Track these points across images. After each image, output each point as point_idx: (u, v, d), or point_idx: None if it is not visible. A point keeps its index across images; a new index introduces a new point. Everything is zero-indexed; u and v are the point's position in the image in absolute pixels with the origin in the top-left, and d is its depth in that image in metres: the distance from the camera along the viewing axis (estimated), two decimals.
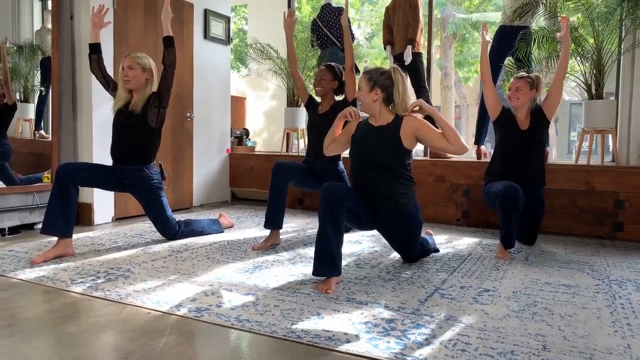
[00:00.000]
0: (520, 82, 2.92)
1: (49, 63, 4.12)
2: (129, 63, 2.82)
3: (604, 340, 1.61)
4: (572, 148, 15.76)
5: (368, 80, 2.32)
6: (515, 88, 2.92)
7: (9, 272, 2.34)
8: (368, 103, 2.35)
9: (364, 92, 2.34)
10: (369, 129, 2.41)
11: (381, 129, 2.36)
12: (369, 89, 2.32)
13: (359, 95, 2.38)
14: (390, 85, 2.31)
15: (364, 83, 2.34)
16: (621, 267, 2.61)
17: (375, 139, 2.36)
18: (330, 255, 2.12)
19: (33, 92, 4.20)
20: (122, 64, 2.85)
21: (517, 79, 2.95)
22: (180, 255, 2.71)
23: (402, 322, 1.75)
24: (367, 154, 2.37)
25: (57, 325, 1.71)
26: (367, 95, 2.33)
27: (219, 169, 4.90)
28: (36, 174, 4.04)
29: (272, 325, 1.71)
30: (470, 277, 2.36)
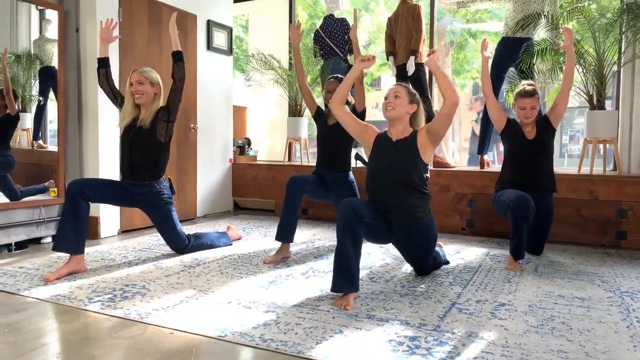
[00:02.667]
0: (533, 101, 2.94)
1: (48, 73, 4.10)
2: (137, 78, 2.82)
3: (625, 356, 1.65)
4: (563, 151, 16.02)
5: (409, 94, 2.44)
6: (531, 107, 2.94)
7: (24, 290, 2.33)
8: (403, 112, 2.43)
9: (404, 101, 2.42)
10: (388, 144, 2.45)
11: (400, 143, 2.42)
12: (409, 101, 2.43)
13: (396, 102, 2.41)
14: (419, 104, 2.49)
15: (404, 94, 2.43)
16: (629, 277, 2.66)
17: (394, 155, 2.40)
18: (349, 271, 2.14)
19: (31, 101, 4.19)
20: (130, 80, 2.84)
21: (529, 97, 2.94)
22: (193, 270, 2.71)
23: (425, 340, 1.77)
24: (386, 170, 2.40)
25: (82, 348, 1.70)
26: (405, 106, 2.42)
27: (222, 178, 4.90)
28: (36, 185, 4.02)
29: (297, 344, 1.72)
30: (484, 290, 2.39)
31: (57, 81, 4.12)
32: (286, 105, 5.45)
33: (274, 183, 4.80)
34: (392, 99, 2.42)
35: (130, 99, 2.85)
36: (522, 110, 2.99)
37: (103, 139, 3.65)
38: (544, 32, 3.87)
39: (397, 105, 2.41)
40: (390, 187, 2.36)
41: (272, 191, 4.83)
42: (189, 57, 4.40)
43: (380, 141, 2.50)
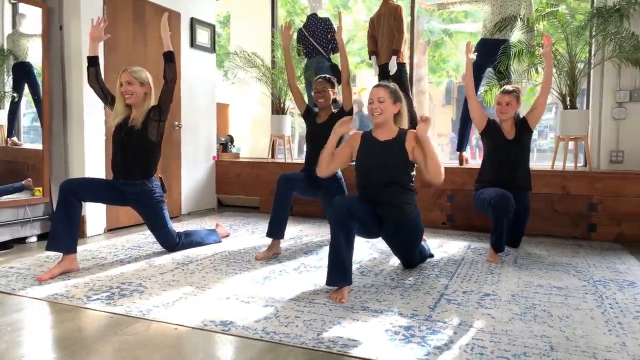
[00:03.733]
0: (510, 97, 3.10)
1: (22, 68, 4.04)
2: (127, 79, 2.82)
3: (601, 340, 1.79)
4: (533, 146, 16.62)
5: (391, 94, 2.47)
6: (506, 103, 3.10)
7: (19, 290, 2.34)
8: (390, 115, 2.48)
9: (387, 103, 2.46)
10: (375, 144, 2.52)
11: (387, 144, 2.49)
12: (392, 102, 2.47)
13: (381, 107, 2.45)
14: (403, 102, 2.55)
15: (386, 95, 2.46)
16: (601, 267, 2.84)
17: (383, 155, 2.48)
18: (342, 265, 2.23)
19: (4, 98, 4.12)
20: (119, 80, 2.85)
21: (507, 94, 3.12)
22: (186, 267, 2.76)
23: (419, 329, 1.88)
24: (376, 170, 2.48)
25: (91, 345, 1.75)
26: (391, 107, 2.47)
27: (205, 176, 4.93)
28: (13, 183, 3.97)
29: (299, 336, 1.80)
30: (469, 281, 2.52)
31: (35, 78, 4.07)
32: (268, 102, 5.50)
33: (258, 180, 4.86)
34: (377, 104, 2.46)
35: (121, 99, 2.86)
36: (498, 105, 3.16)
37: (89, 138, 3.64)
38: (520, 34, 4.04)
39: (384, 109, 2.46)
40: (381, 188, 2.46)
41: (256, 188, 4.88)
42: None
43: (367, 142, 2.55)
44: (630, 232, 3.60)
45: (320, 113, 3.31)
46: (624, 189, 3.61)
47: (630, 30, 3.65)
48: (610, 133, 4.02)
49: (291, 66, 3.39)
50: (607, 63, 3.90)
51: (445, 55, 8.46)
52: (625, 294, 2.34)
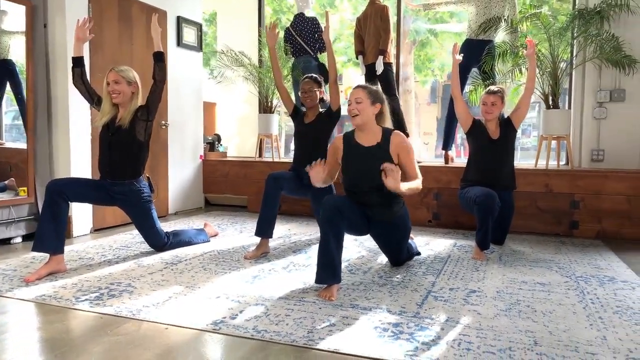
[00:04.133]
0: (495, 98, 3.15)
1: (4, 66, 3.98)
2: (114, 78, 2.81)
3: (583, 334, 1.85)
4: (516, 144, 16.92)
5: (369, 94, 2.44)
6: (491, 103, 3.15)
7: (6, 291, 2.32)
8: (369, 116, 2.45)
9: (364, 104, 2.42)
10: (360, 151, 2.49)
11: (372, 149, 2.47)
12: (370, 102, 2.44)
13: (358, 108, 2.42)
14: (384, 103, 2.53)
15: (364, 96, 2.43)
16: (582, 264, 2.92)
17: (368, 162, 2.44)
18: (332, 264, 2.26)
19: None
20: (106, 79, 2.84)
21: (492, 94, 3.17)
22: (175, 267, 2.76)
23: (407, 326, 1.92)
24: (362, 176, 2.46)
25: (81, 345, 1.75)
26: (369, 108, 2.44)
27: (192, 175, 4.91)
28: None
29: (289, 334, 1.83)
30: (455, 278, 2.57)
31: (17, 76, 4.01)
32: (255, 101, 5.51)
33: (245, 179, 4.86)
34: (355, 105, 2.43)
35: (108, 98, 2.85)
36: (484, 105, 3.21)
37: (74, 137, 3.60)
38: (505, 34, 4.11)
39: (361, 110, 2.43)
40: (369, 192, 2.46)
41: (244, 187, 4.89)
42: None
43: (351, 147, 2.52)
44: (610, 229, 3.69)
45: (308, 113, 3.33)
46: (604, 187, 3.70)
47: (610, 32, 3.74)
48: (591, 132, 4.11)
49: (277, 66, 3.41)
50: (588, 64, 3.99)
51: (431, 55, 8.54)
52: (606, 289, 2.41)
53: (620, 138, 4.02)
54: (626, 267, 2.84)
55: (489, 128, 3.22)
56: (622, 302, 2.21)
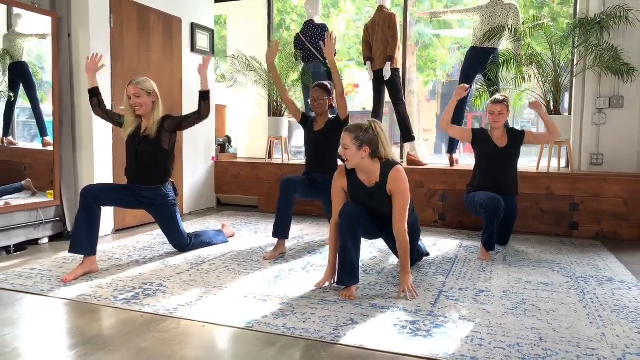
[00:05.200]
0: (501, 107, 3.30)
1: (18, 68, 4.13)
2: (134, 92, 2.92)
3: (584, 331, 2.03)
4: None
5: (355, 140, 2.41)
6: (498, 112, 3.29)
7: (48, 292, 2.49)
8: (358, 161, 2.45)
9: (351, 151, 2.42)
10: (363, 190, 2.56)
11: (373, 189, 2.53)
12: (357, 148, 2.42)
13: (346, 154, 2.44)
14: (376, 140, 2.45)
15: (350, 142, 2.41)
16: (582, 264, 3.10)
17: (372, 201, 2.55)
18: (351, 266, 2.44)
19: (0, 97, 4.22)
20: (127, 92, 2.96)
21: (498, 104, 3.31)
22: (200, 267, 2.94)
23: (423, 324, 2.10)
24: (370, 210, 2.57)
25: (127, 342, 1.92)
26: (356, 154, 2.43)
27: (205, 176, 5.08)
28: (13, 184, 4.08)
29: (317, 331, 2.01)
30: (464, 279, 2.75)
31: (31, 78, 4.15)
32: (264, 103, 5.67)
33: (257, 181, 5.03)
34: (343, 150, 2.45)
35: (131, 110, 2.98)
36: (491, 115, 3.35)
37: (97, 143, 3.77)
38: (508, 42, 4.28)
39: (349, 156, 2.45)
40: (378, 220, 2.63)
41: (254, 188, 5.06)
42: (174, 59, 4.55)
43: (354, 183, 2.57)
44: (608, 229, 3.88)
45: (317, 119, 3.45)
46: (603, 190, 3.89)
47: (609, 43, 3.91)
48: (590, 137, 4.29)
49: (279, 82, 3.51)
50: (588, 71, 4.16)
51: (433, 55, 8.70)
52: (604, 289, 2.60)
53: (618, 143, 4.20)
54: (623, 268, 3.03)
55: (495, 135, 3.39)
56: (620, 302, 2.39)
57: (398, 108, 4.70)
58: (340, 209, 2.53)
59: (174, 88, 4.56)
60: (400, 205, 2.48)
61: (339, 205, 2.58)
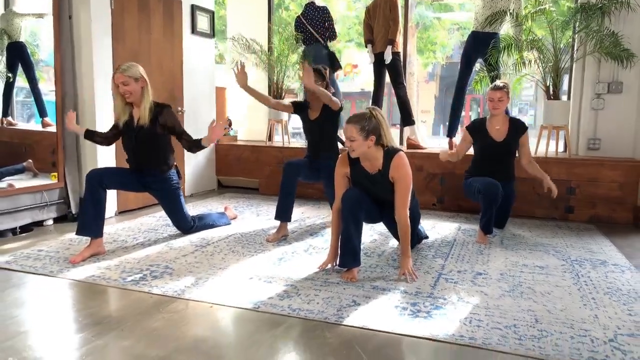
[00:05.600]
0: (501, 93, 3.30)
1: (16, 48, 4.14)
2: (122, 80, 2.83)
3: (578, 313, 2.12)
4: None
5: (361, 131, 2.43)
6: (498, 99, 3.30)
7: (57, 272, 2.56)
8: (364, 150, 2.49)
9: (358, 142, 2.45)
10: (365, 176, 2.62)
11: (376, 177, 2.59)
12: (363, 139, 2.45)
13: (352, 146, 2.46)
14: (378, 127, 2.50)
15: (356, 134, 2.43)
16: (577, 247, 3.18)
17: (374, 187, 2.62)
18: (353, 250, 2.51)
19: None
20: (114, 81, 2.87)
21: (498, 90, 3.30)
22: (205, 249, 3.00)
23: (423, 305, 2.17)
24: (371, 194, 2.63)
25: (139, 322, 1.99)
26: (363, 144, 2.46)
27: (206, 159, 5.12)
28: (15, 165, 4.11)
29: (321, 312, 2.08)
30: (462, 261, 2.83)
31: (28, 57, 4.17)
32: (264, 86, 5.66)
33: (257, 163, 5.08)
34: (349, 142, 2.47)
35: (121, 98, 2.92)
36: (490, 101, 3.35)
37: (100, 125, 3.77)
38: (510, 27, 4.29)
39: (356, 147, 2.47)
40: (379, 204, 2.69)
41: (255, 171, 5.10)
42: (175, 41, 4.53)
43: (357, 170, 2.62)
44: (603, 213, 3.96)
45: (312, 105, 3.41)
46: (599, 175, 3.95)
47: (610, 29, 3.93)
48: (589, 122, 4.33)
49: (260, 96, 3.47)
50: (588, 57, 4.18)
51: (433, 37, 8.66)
52: (598, 272, 2.68)
53: (615, 128, 4.25)
54: (617, 251, 3.11)
55: (493, 125, 3.36)
56: (612, 284, 2.48)
57: (399, 92, 4.72)
58: (343, 194, 2.58)
59: (175, 71, 4.56)
60: (403, 192, 2.53)
61: (341, 191, 2.63)
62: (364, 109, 2.56)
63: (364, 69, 15.84)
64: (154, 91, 4.29)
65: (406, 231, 2.54)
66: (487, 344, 1.82)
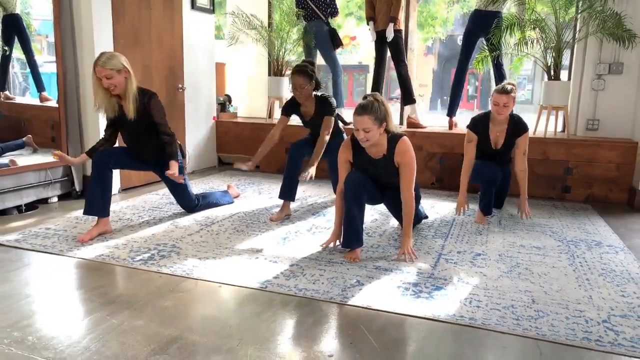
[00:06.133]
0: (507, 98, 3.14)
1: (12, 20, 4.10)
2: (104, 73, 2.69)
3: (573, 293, 2.20)
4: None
5: (375, 120, 2.46)
6: (504, 104, 3.15)
7: (67, 251, 2.61)
8: (377, 137, 2.51)
9: (373, 131, 2.47)
10: (369, 160, 2.66)
11: (380, 161, 2.64)
12: (377, 127, 2.48)
13: (368, 136, 2.47)
14: (387, 112, 2.52)
15: (371, 124, 2.45)
16: (573, 228, 3.26)
17: (377, 170, 2.67)
18: (356, 231, 2.58)
19: None
20: (96, 75, 2.72)
21: (504, 94, 3.14)
22: (210, 228, 3.06)
23: (425, 286, 2.25)
24: (374, 178, 2.70)
25: (151, 301, 2.06)
26: (377, 131, 2.49)
27: (206, 136, 5.13)
28: (15, 141, 4.13)
29: (327, 292, 2.15)
30: (462, 242, 2.91)
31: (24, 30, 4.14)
32: (264, 62, 5.63)
33: (258, 141, 5.01)
34: (364, 134, 2.48)
35: (101, 91, 2.77)
36: (495, 105, 3.20)
37: None
38: (513, 6, 4.26)
39: (371, 137, 2.49)
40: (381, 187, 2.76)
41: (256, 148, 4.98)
42: (175, 17, 4.48)
43: (360, 154, 2.65)
44: (598, 193, 4.04)
45: (304, 105, 3.37)
46: (597, 155, 4.01)
47: (613, 9, 3.91)
48: (588, 103, 4.36)
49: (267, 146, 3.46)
50: (590, 37, 4.17)
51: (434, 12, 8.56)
52: (593, 253, 2.77)
53: (615, 109, 4.28)
54: (612, 232, 3.19)
55: (494, 130, 3.30)
56: (607, 266, 2.56)
57: (400, 70, 4.71)
58: (345, 177, 2.63)
59: (176, 48, 4.52)
60: (408, 176, 2.59)
61: (344, 174, 2.68)
62: (368, 98, 2.55)
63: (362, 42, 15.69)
64: (155, 70, 4.29)
65: (411, 212, 2.61)
66: (486, 324, 1.90)
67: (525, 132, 3.29)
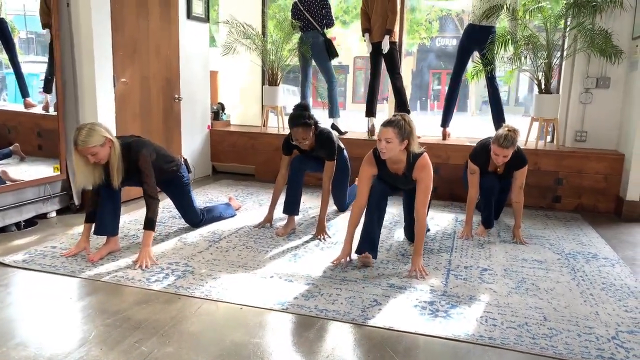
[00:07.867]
0: (508, 152, 3.14)
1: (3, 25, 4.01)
2: (88, 152, 2.59)
3: (580, 309, 2.31)
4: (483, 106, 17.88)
5: (399, 134, 2.56)
6: (503, 156, 3.16)
7: (79, 272, 2.59)
8: (396, 152, 2.62)
9: (394, 144, 2.57)
10: (390, 173, 2.81)
11: (401, 178, 2.79)
12: (400, 141, 2.58)
13: (387, 147, 2.57)
14: (411, 132, 2.62)
15: (394, 136, 2.55)
16: (568, 239, 3.40)
17: (398, 183, 2.88)
18: (372, 240, 2.74)
19: None
20: (79, 155, 2.62)
21: (506, 149, 3.11)
22: (219, 245, 3.08)
23: (440, 304, 2.33)
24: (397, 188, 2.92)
25: (176, 326, 2.07)
26: (398, 146, 2.59)
27: (201, 145, 5.12)
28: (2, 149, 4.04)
29: (348, 313, 2.20)
30: (466, 256, 3.00)
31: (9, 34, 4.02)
32: (257, 70, 5.64)
33: (253, 150, 5.11)
34: (385, 144, 2.56)
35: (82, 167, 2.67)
36: (496, 156, 3.19)
37: (101, 115, 3.74)
38: (506, 21, 4.39)
39: (390, 149, 2.58)
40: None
41: (251, 157, 5.14)
42: (172, 27, 4.45)
43: (382, 168, 2.77)
44: (587, 202, 4.22)
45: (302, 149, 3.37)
46: (586, 167, 4.18)
47: (601, 26, 4.08)
48: (577, 115, 4.53)
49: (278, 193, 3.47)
50: (577, 55, 4.33)
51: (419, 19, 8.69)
52: (591, 266, 2.90)
53: (602, 121, 4.46)
54: (605, 244, 3.34)
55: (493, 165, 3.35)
56: (606, 279, 2.69)
57: (395, 82, 4.80)
58: (372, 185, 2.77)
59: (172, 58, 4.49)
60: (424, 192, 2.69)
61: (366, 188, 2.77)
62: (397, 116, 2.64)
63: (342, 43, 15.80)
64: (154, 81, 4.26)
65: (422, 229, 2.70)
66: (505, 344, 1.98)
67: (524, 165, 3.29)
